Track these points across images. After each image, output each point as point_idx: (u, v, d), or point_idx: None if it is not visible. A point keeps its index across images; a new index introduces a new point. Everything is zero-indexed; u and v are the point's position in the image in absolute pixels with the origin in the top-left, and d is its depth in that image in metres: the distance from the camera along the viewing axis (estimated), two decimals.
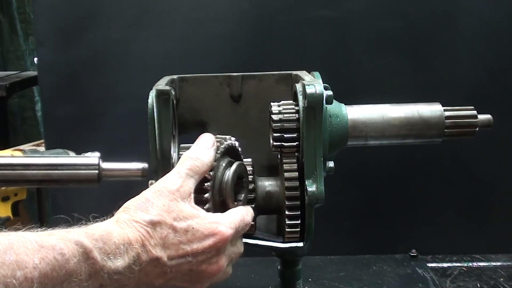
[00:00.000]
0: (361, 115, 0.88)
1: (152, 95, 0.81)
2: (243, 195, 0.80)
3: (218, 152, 0.77)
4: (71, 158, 0.83)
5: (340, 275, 1.12)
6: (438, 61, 1.54)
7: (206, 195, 0.73)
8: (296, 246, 0.84)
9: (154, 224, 0.64)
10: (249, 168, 0.84)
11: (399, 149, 1.02)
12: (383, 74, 1.53)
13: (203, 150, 0.74)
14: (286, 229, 0.82)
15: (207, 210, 0.72)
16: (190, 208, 0.68)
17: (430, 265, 1.17)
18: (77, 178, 0.80)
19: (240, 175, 0.79)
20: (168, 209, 0.65)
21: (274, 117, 0.82)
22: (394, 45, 1.54)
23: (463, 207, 1.60)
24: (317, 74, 0.90)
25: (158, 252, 0.63)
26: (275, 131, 0.82)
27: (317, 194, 0.80)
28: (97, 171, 0.79)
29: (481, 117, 0.89)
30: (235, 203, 0.77)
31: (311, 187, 0.80)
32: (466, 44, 1.52)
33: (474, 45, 1.52)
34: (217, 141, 0.78)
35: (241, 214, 0.74)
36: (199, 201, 0.72)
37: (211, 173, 0.74)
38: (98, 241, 0.59)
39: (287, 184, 0.81)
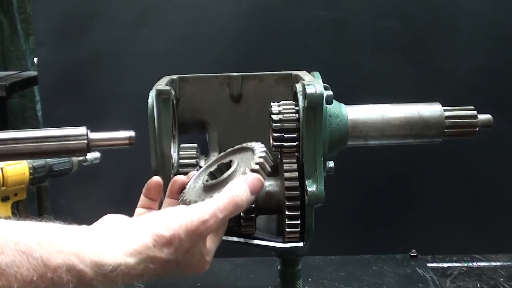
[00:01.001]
0: (361, 115, 0.88)
1: (152, 95, 0.81)
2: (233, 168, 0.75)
3: None
4: (60, 130, 0.83)
5: (340, 275, 1.12)
6: (438, 61, 1.54)
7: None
8: (296, 246, 0.84)
9: (167, 263, 0.63)
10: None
11: (399, 149, 1.02)
12: (383, 74, 1.53)
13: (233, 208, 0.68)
14: (286, 229, 0.82)
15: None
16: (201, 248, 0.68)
17: (430, 265, 1.17)
18: (67, 149, 0.81)
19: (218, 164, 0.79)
20: (186, 250, 0.65)
21: (274, 117, 0.82)
22: (394, 45, 1.54)
23: (463, 207, 1.60)
24: (317, 74, 0.90)
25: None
26: (275, 131, 0.82)
27: (317, 194, 0.80)
28: (85, 141, 0.80)
29: (481, 117, 0.88)
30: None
31: (311, 187, 0.80)
32: (466, 44, 1.52)
33: (474, 45, 1.52)
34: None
35: (222, 213, 0.67)
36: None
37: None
38: (104, 277, 0.58)
39: (287, 184, 0.81)
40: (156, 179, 0.79)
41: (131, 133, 0.79)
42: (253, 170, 0.70)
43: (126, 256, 0.60)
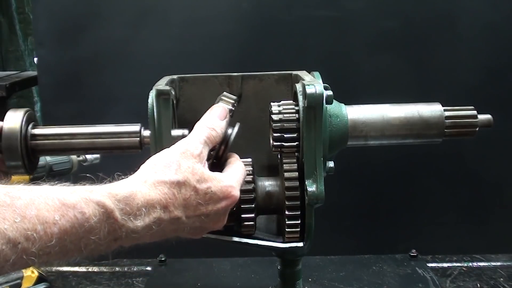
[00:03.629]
0: (361, 115, 0.88)
1: (152, 95, 0.81)
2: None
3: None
4: (115, 127, 0.86)
5: (340, 275, 1.12)
6: (438, 61, 1.54)
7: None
8: (296, 246, 0.84)
9: (180, 185, 0.67)
10: (249, 168, 0.84)
11: (399, 149, 1.02)
12: (383, 74, 1.53)
13: (218, 121, 0.78)
14: (286, 229, 0.82)
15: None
16: (209, 171, 0.72)
17: (430, 265, 1.18)
18: (120, 145, 0.84)
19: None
20: (192, 171, 0.69)
21: (274, 117, 0.82)
22: (394, 45, 1.54)
23: (463, 207, 1.60)
24: (317, 74, 0.90)
25: (179, 213, 0.67)
26: (275, 131, 0.82)
27: (317, 194, 0.80)
28: (138, 138, 0.83)
29: (481, 117, 0.88)
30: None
31: (311, 187, 0.80)
32: (466, 44, 1.52)
33: (474, 45, 1.52)
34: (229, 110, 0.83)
35: (242, 172, 0.78)
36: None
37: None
38: (121, 202, 0.61)
39: (287, 184, 0.81)
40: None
41: (184, 131, 0.81)
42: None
43: (139, 184, 0.64)
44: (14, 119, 0.83)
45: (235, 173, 0.76)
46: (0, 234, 0.50)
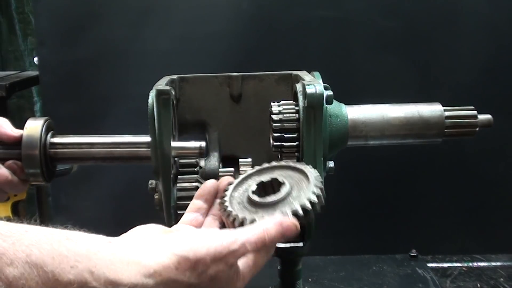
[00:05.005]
0: (361, 115, 0.88)
1: (152, 95, 0.81)
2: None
3: None
4: (133, 137, 0.86)
5: (340, 275, 1.12)
6: (438, 61, 1.54)
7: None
8: (296, 246, 0.84)
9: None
10: (249, 168, 0.84)
11: (399, 149, 1.02)
12: (383, 74, 1.53)
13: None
14: None
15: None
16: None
17: (430, 265, 1.17)
18: (138, 156, 0.85)
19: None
20: (210, 277, 0.62)
21: (274, 117, 0.82)
22: (394, 45, 1.54)
23: (463, 207, 1.60)
24: (317, 74, 0.90)
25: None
26: (275, 131, 0.82)
27: None
28: None
29: (481, 117, 0.88)
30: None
31: None
32: (466, 44, 1.52)
33: (474, 45, 1.52)
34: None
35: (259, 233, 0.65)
36: None
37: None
38: None
39: None
40: (213, 181, 0.77)
41: (202, 144, 0.81)
42: (295, 214, 0.66)
43: (145, 277, 0.57)
44: (34, 127, 0.85)
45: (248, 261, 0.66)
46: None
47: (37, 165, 0.84)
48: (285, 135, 0.82)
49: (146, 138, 0.84)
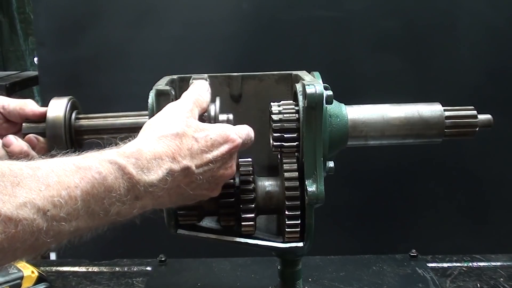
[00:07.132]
0: (361, 115, 0.88)
1: (152, 95, 0.82)
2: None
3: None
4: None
5: (340, 275, 1.12)
6: (438, 61, 1.54)
7: None
8: (296, 246, 0.84)
9: (180, 136, 0.70)
10: (249, 168, 0.84)
11: (399, 149, 1.02)
12: (383, 74, 1.53)
13: (203, 91, 0.80)
14: (286, 229, 0.82)
15: None
16: (203, 123, 0.75)
17: (430, 265, 1.17)
18: None
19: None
20: (187, 124, 0.72)
21: (274, 117, 0.82)
22: (394, 45, 1.54)
23: (463, 207, 1.60)
24: (317, 74, 0.90)
25: (188, 162, 0.69)
26: (275, 131, 0.82)
27: (317, 194, 0.80)
28: None
29: (481, 117, 0.88)
30: None
31: (311, 187, 0.80)
32: (466, 44, 1.52)
33: (474, 45, 1.52)
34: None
35: (247, 128, 0.80)
36: None
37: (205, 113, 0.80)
38: (130, 158, 0.63)
39: (287, 184, 0.81)
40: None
41: (229, 115, 0.83)
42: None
43: (143, 142, 0.67)
44: (58, 107, 0.88)
45: (236, 126, 0.79)
46: (29, 204, 0.52)
47: (62, 144, 0.87)
48: (285, 135, 0.82)
49: None
